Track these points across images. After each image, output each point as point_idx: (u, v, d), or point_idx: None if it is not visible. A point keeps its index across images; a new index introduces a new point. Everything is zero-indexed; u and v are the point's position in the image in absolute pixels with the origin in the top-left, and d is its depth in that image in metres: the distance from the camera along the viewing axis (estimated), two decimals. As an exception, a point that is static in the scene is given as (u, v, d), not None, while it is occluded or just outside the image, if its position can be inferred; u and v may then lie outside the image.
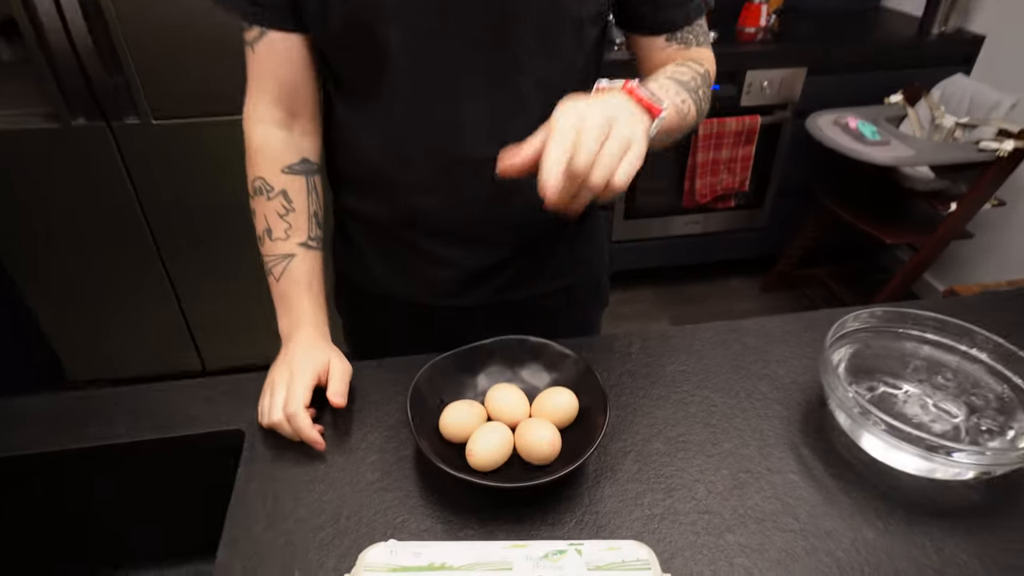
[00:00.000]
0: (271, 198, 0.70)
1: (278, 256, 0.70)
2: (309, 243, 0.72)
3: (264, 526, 0.57)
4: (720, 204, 2.09)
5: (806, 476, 0.61)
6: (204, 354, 1.84)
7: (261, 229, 0.71)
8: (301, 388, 0.63)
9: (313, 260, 0.72)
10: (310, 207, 0.72)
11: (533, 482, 0.55)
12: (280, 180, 0.70)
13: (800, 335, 0.79)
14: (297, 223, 0.71)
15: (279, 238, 0.70)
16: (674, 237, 2.17)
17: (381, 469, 0.62)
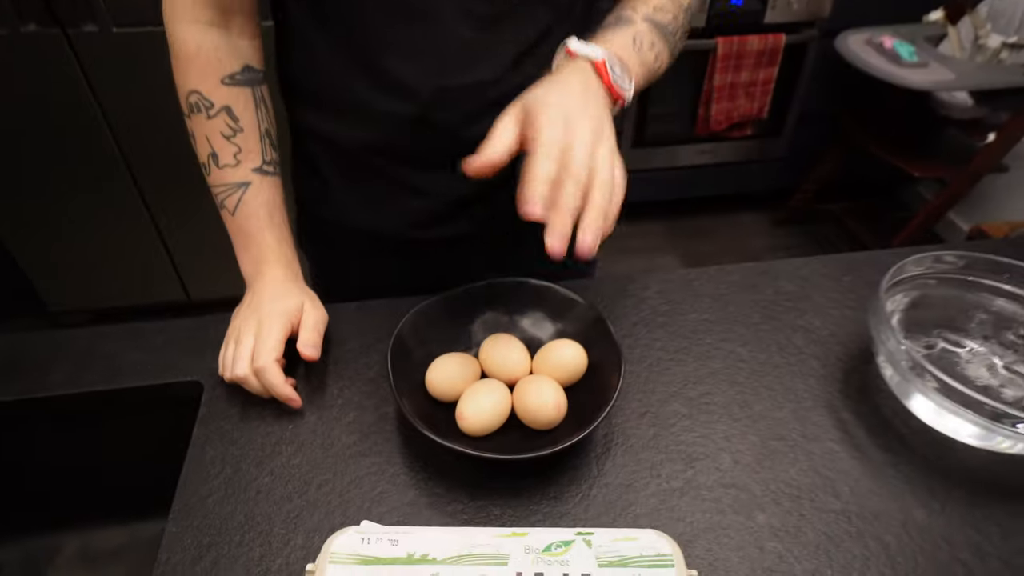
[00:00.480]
0: (212, 116, 0.59)
1: (229, 186, 0.60)
2: (265, 168, 0.61)
3: (221, 495, 0.50)
4: (735, 133, 1.96)
5: (848, 445, 0.53)
6: (188, 285, 1.75)
7: (204, 155, 0.60)
8: (272, 339, 0.55)
9: (271, 188, 0.62)
10: (260, 125, 0.61)
11: (534, 453, 0.48)
12: (221, 94, 0.59)
13: (839, 280, 0.69)
14: (247, 145, 0.60)
15: (228, 164, 0.60)
16: (683, 168, 2.06)
17: (359, 431, 0.54)
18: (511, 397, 0.53)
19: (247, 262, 0.62)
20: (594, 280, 0.70)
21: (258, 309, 0.57)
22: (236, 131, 0.60)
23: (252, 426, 0.55)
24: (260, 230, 0.61)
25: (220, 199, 0.61)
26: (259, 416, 0.55)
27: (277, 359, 0.54)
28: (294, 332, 0.57)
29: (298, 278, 0.63)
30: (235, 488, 0.50)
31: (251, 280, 0.62)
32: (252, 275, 0.61)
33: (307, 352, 0.56)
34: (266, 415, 0.56)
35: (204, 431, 0.54)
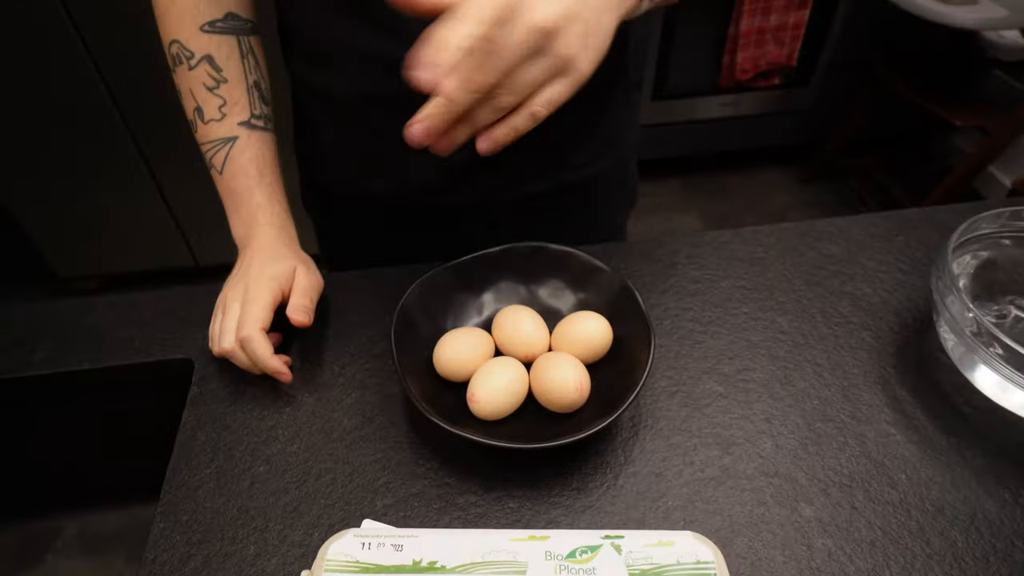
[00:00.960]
0: (193, 67, 0.54)
1: (215, 142, 0.55)
2: (253, 122, 0.56)
3: (213, 487, 0.46)
4: (761, 82, 1.86)
5: (905, 427, 0.48)
6: (195, 250, 1.72)
7: (190, 110, 0.56)
8: (258, 306, 0.50)
9: (261, 143, 0.56)
10: (247, 76, 0.56)
11: (554, 442, 0.42)
12: (201, 42, 0.54)
13: (891, 240, 0.63)
14: (232, 96, 0.55)
15: (212, 119, 0.55)
16: (704, 121, 1.97)
17: (361, 413, 0.50)
18: (528, 377, 0.48)
19: (238, 225, 0.57)
20: (619, 244, 0.63)
21: (246, 275, 0.53)
22: (219, 82, 0.55)
23: (246, 409, 0.50)
24: (249, 189, 0.56)
25: (208, 157, 0.57)
26: (253, 397, 0.51)
27: (264, 328, 0.50)
28: (285, 298, 0.53)
29: (292, 241, 0.58)
30: (228, 478, 0.46)
31: (242, 245, 0.57)
32: (243, 239, 0.57)
33: (296, 316, 0.51)
34: (260, 396, 0.51)
35: (195, 414, 0.50)
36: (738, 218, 1.97)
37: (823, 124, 2.01)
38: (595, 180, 0.69)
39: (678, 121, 1.96)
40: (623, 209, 0.78)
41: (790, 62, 1.80)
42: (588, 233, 0.67)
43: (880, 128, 1.97)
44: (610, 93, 0.64)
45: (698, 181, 2.12)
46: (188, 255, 1.73)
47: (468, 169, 0.62)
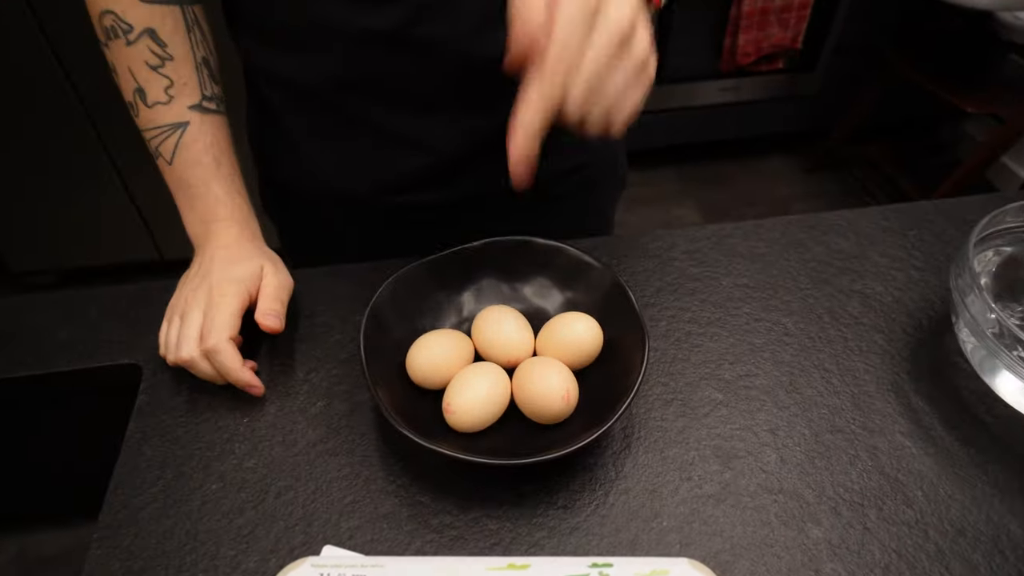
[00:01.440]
0: (132, 42, 0.51)
1: (163, 128, 0.52)
2: (205, 105, 0.53)
3: (159, 507, 0.43)
4: (764, 66, 1.85)
5: (921, 438, 0.46)
6: (160, 242, 1.69)
7: (129, 91, 0.52)
8: (225, 312, 0.48)
9: (215, 128, 0.54)
10: (194, 52, 0.53)
11: (538, 458, 0.41)
12: (140, 13, 0.50)
13: (904, 234, 0.61)
14: (180, 76, 0.52)
15: (158, 102, 0.52)
16: (702, 107, 1.96)
17: (327, 424, 0.48)
18: (510, 385, 0.46)
19: (193, 222, 0.54)
20: (610, 238, 0.61)
21: (208, 277, 0.50)
22: (164, 59, 0.52)
23: (199, 420, 0.48)
24: (205, 182, 0.53)
25: (154, 145, 0.54)
26: (208, 407, 0.49)
27: (232, 336, 0.47)
28: (252, 303, 0.50)
29: (256, 237, 0.55)
30: (176, 498, 0.44)
31: (199, 243, 0.54)
32: (200, 237, 0.54)
33: (266, 322, 0.49)
34: (216, 406, 0.49)
35: (141, 426, 0.47)
36: (738, 210, 1.96)
37: (828, 111, 2.00)
38: (586, 167, 0.67)
39: (675, 107, 1.94)
40: (613, 199, 0.76)
41: (794, 45, 1.78)
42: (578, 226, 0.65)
43: (888, 115, 1.97)
44: None
45: (696, 171, 2.11)
46: (152, 248, 1.70)
47: (454, 161, 0.59)
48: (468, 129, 0.57)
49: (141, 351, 0.52)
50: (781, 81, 1.92)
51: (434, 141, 0.57)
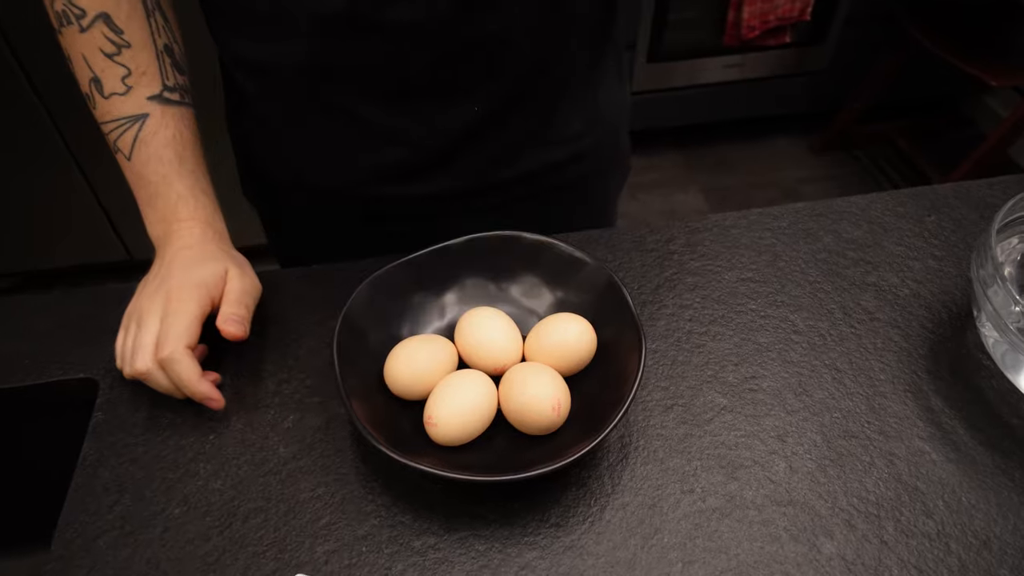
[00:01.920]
0: (86, 28, 0.50)
1: (120, 121, 0.52)
2: (167, 96, 0.53)
3: (116, 535, 0.43)
4: (771, 40, 1.83)
5: (942, 444, 0.46)
6: (128, 242, 1.68)
7: (85, 81, 0.52)
8: (183, 319, 0.47)
9: (178, 121, 0.53)
10: (154, 39, 0.52)
11: (528, 472, 0.40)
12: None
13: (921, 221, 0.61)
14: (139, 65, 0.51)
15: (115, 92, 0.51)
16: (706, 85, 1.95)
17: (300, 440, 0.47)
18: (497, 394, 0.45)
19: (154, 221, 0.54)
20: (603, 231, 0.61)
21: (166, 280, 0.49)
22: (121, 47, 0.51)
23: (160, 438, 0.47)
24: (166, 178, 0.52)
25: (112, 139, 0.53)
26: (170, 424, 0.48)
27: (190, 345, 0.46)
28: (215, 308, 0.49)
29: (221, 239, 0.54)
30: (135, 524, 0.43)
31: (160, 244, 0.54)
32: (161, 237, 0.54)
33: (228, 328, 0.48)
34: (179, 423, 0.48)
35: (97, 446, 0.47)
36: (744, 194, 1.95)
37: (840, 87, 1.98)
38: (584, 157, 0.66)
39: (676, 86, 1.93)
40: (616, 187, 0.75)
41: (803, 17, 1.77)
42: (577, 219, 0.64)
43: (904, 91, 1.95)
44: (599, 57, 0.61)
45: (699, 153, 2.09)
46: (120, 248, 1.68)
47: (432, 154, 0.58)
48: (446, 120, 0.56)
49: (97, 364, 0.51)
50: (789, 56, 1.91)
51: (410, 132, 0.57)
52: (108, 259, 1.68)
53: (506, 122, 0.58)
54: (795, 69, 1.94)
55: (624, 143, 0.72)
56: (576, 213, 0.68)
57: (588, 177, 0.68)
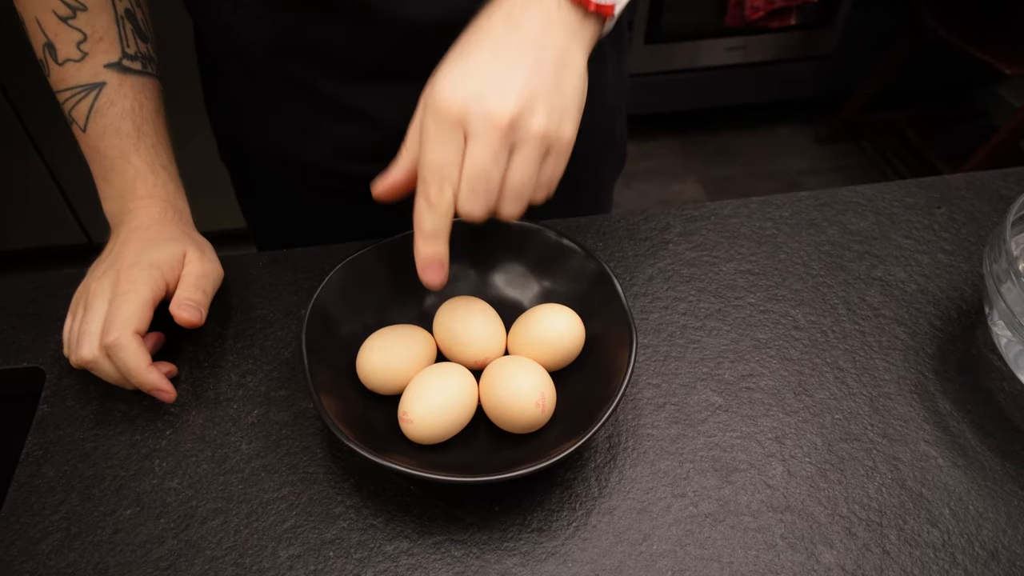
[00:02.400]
0: None
1: (75, 89, 0.51)
2: (126, 64, 0.52)
3: (61, 538, 0.42)
4: (775, 22, 1.84)
5: (949, 448, 0.46)
6: (87, 225, 1.69)
7: (39, 46, 0.51)
8: (132, 302, 0.46)
9: (138, 92, 0.53)
10: (115, 3, 0.52)
11: (509, 473, 0.39)
12: None
13: (930, 213, 0.61)
14: (95, 29, 0.51)
15: (69, 59, 0.51)
16: (706, 69, 1.96)
17: (265, 436, 0.47)
18: (477, 389, 0.45)
19: (110, 198, 0.53)
20: (594, 218, 0.60)
21: (117, 261, 0.49)
22: (76, 9, 0.51)
23: (112, 433, 0.47)
24: (123, 152, 0.52)
25: (67, 109, 0.53)
26: (123, 418, 0.47)
27: (139, 331, 0.46)
28: (169, 292, 0.49)
29: (182, 219, 0.54)
30: (83, 526, 0.42)
31: (115, 223, 0.53)
32: (116, 215, 0.53)
33: (181, 313, 0.47)
34: (133, 416, 0.47)
35: (41, 441, 0.46)
36: (744, 184, 1.96)
37: (847, 73, 2.00)
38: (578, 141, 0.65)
39: (676, 69, 1.94)
40: (610, 175, 0.75)
41: (809, -2, 1.78)
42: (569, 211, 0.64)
43: (914, 78, 1.97)
44: None
45: (698, 141, 2.11)
46: (79, 231, 1.68)
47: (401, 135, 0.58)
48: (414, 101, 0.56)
49: (43, 352, 0.50)
50: (794, 39, 1.92)
51: (376, 112, 0.57)
52: (66, 242, 1.69)
53: None
54: (800, 53, 1.96)
55: (620, 130, 0.72)
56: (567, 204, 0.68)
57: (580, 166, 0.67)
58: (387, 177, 0.43)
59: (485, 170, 0.38)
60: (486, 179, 0.38)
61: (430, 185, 0.38)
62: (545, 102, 0.38)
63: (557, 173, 0.41)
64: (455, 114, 0.37)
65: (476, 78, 0.38)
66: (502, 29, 0.39)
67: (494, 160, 0.38)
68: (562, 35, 0.39)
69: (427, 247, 0.40)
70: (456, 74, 0.38)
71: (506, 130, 0.37)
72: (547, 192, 0.41)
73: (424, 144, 0.39)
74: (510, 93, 0.37)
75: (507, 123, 0.37)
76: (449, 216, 0.39)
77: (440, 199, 0.38)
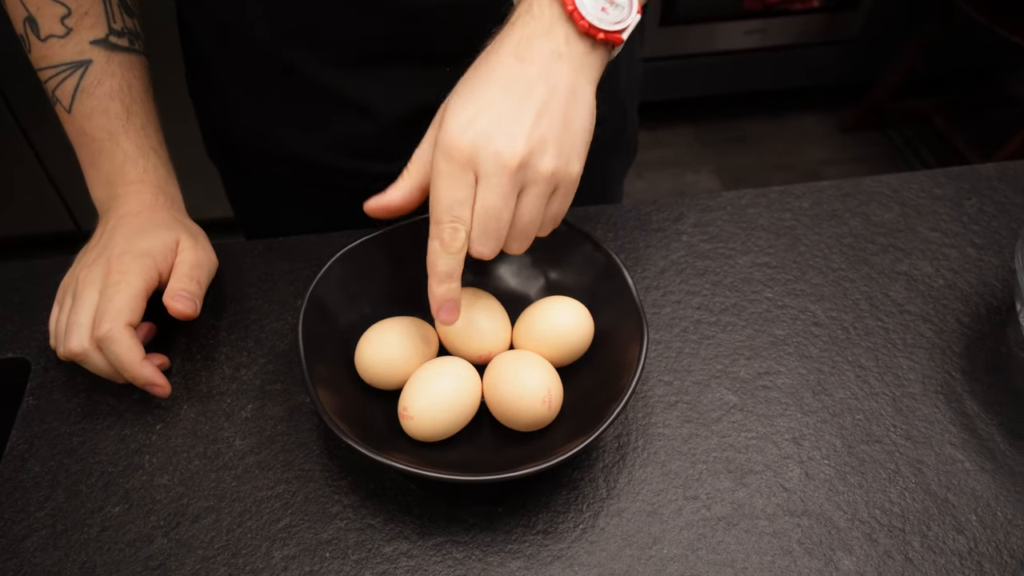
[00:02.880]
0: None
1: (59, 67, 0.51)
2: (113, 40, 0.52)
3: (47, 535, 0.42)
4: (797, 3, 1.84)
5: (976, 452, 0.46)
6: (76, 213, 1.70)
7: (19, 20, 0.51)
8: (124, 293, 0.46)
9: (127, 71, 0.53)
10: None
11: (513, 472, 0.40)
12: None
13: (960, 204, 0.61)
14: (81, 4, 0.51)
15: (53, 35, 0.51)
16: (724, 53, 1.96)
17: (259, 432, 0.47)
18: (481, 384, 0.46)
19: (97, 182, 0.54)
20: (605, 207, 0.60)
21: (107, 249, 0.49)
22: None
23: (100, 427, 0.47)
24: (112, 135, 0.52)
25: (50, 88, 0.53)
26: (112, 411, 0.48)
27: (132, 323, 0.46)
28: (162, 282, 0.49)
29: (173, 205, 0.54)
30: (69, 523, 0.43)
31: (104, 209, 0.54)
32: (105, 202, 0.54)
33: (176, 304, 0.47)
34: (122, 410, 0.48)
35: (26, 435, 0.47)
36: (762, 175, 1.96)
37: (873, 58, 2.00)
38: None
39: (691, 53, 1.94)
40: (620, 168, 0.75)
41: (833, -21, 1.78)
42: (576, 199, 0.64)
43: (944, 63, 1.97)
44: None
45: (714, 129, 2.11)
46: (67, 218, 1.70)
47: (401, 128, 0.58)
48: (416, 92, 0.56)
49: (29, 343, 0.51)
50: (817, 22, 1.92)
51: (376, 102, 0.57)
52: (53, 229, 1.70)
53: None
54: (823, 36, 1.96)
55: (632, 121, 0.72)
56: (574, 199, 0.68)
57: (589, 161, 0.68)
58: (384, 197, 0.44)
59: (496, 211, 0.39)
60: (496, 220, 0.39)
61: (444, 227, 0.40)
62: (554, 142, 0.39)
63: (563, 209, 0.43)
64: (465, 154, 0.38)
65: (486, 117, 0.39)
66: (511, 64, 0.40)
67: (504, 201, 0.39)
68: (570, 68, 0.40)
69: (442, 288, 0.41)
70: (466, 113, 0.39)
71: (516, 171, 0.39)
72: (553, 227, 0.43)
73: (435, 183, 0.40)
74: (520, 134, 0.39)
75: (517, 164, 0.38)
76: (462, 256, 0.41)
77: (454, 241, 0.40)
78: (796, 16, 1.89)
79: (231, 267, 0.55)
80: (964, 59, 2.00)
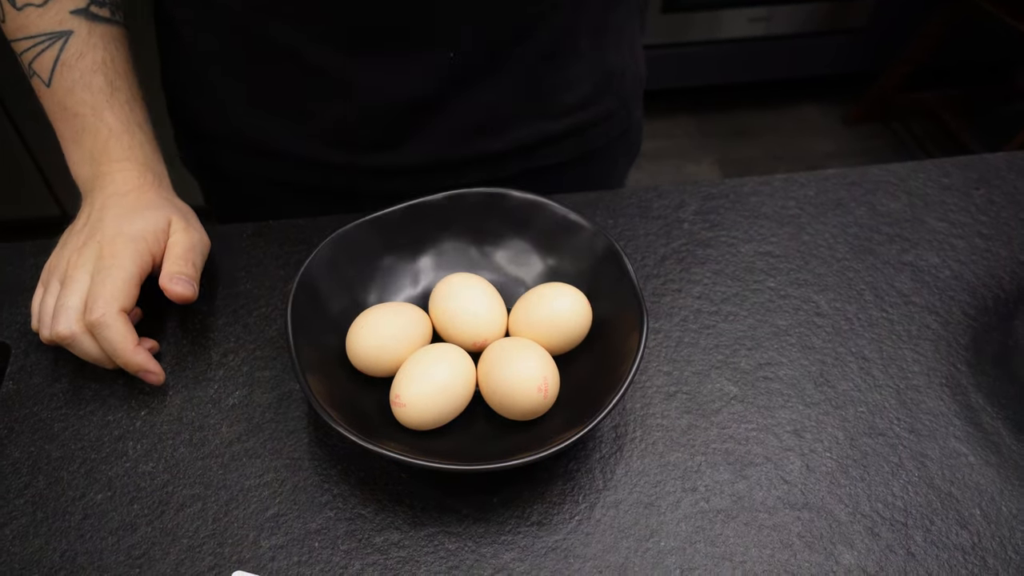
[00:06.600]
0: None
1: (37, 38, 0.51)
2: (94, 10, 0.52)
3: (27, 523, 0.42)
4: (803, -9, 1.83)
5: (981, 446, 0.46)
6: (62, 197, 1.71)
7: None
8: (117, 278, 0.46)
9: (109, 42, 0.52)
10: None
11: (508, 462, 0.40)
12: None
13: (968, 194, 0.61)
14: None
15: (30, 3, 0.50)
16: (726, 41, 1.97)
17: (247, 419, 0.47)
18: (475, 372, 0.46)
19: (80, 160, 0.53)
20: (604, 193, 0.60)
21: (97, 231, 0.49)
22: None
23: (83, 412, 0.47)
24: (95, 110, 0.52)
25: (27, 61, 0.52)
26: (95, 396, 0.48)
27: (125, 308, 0.46)
28: (155, 266, 0.49)
29: (161, 184, 0.54)
30: (50, 511, 0.43)
31: (88, 189, 0.53)
32: (89, 180, 0.53)
33: (174, 288, 0.47)
34: (105, 395, 0.48)
35: (6, 420, 0.46)
36: (765, 167, 1.97)
37: (879, 48, 2.01)
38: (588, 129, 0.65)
39: (694, 41, 1.95)
40: (622, 168, 0.75)
41: (839, -34, 1.78)
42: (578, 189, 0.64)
43: (953, 55, 1.98)
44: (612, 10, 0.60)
45: (716, 120, 2.12)
46: (52, 202, 1.71)
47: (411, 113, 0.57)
48: (414, 73, 0.55)
49: (9, 326, 0.51)
50: (822, 10, 1.92)
51: (367, 86, 0.56)
52: (39, 214, 1.71)
53: (490, 79, 0.57)
54: (829, 26, 1.97)
55: (636, 117, 0.72)
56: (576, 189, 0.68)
57: (589, 155, 0.67)
58: None
59: None
60: None
61: None
62: None
63: None
64: None
65: None
66: None
67: None
68: None
69: None
70: None
71: None
72: None
73: None
74: None
75: None
76: None
77: None
78: (802, 4, 1.90)
79: (219, 250, 0.55)
80: (973, 51, 2.01)
